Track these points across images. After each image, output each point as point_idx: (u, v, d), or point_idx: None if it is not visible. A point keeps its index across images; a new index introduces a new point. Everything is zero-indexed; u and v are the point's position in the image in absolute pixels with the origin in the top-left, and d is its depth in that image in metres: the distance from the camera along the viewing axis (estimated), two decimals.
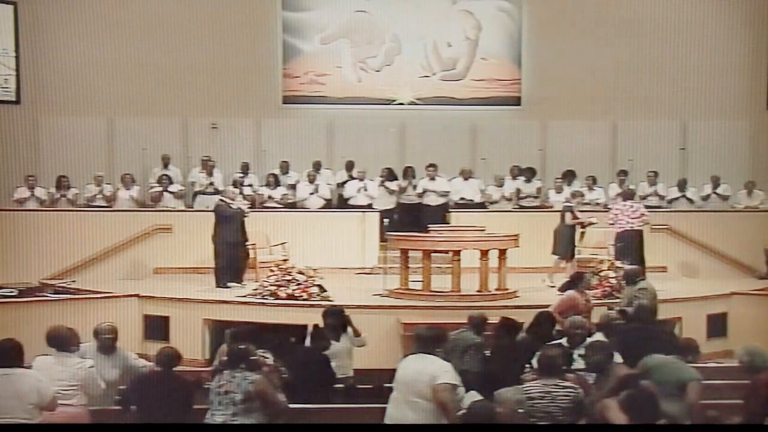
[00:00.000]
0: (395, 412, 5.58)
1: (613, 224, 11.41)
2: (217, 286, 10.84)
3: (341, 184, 13.79)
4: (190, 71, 14.08)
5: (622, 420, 5.19)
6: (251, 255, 11.32)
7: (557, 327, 7.54)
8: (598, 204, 13.46)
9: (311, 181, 13.43)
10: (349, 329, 7.53)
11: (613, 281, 10.18)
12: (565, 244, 11.49)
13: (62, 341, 6.22)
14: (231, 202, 11.20)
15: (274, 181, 13.41)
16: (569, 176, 13.88)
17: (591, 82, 14.43)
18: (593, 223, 11.75)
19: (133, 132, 14.13)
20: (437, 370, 5.48)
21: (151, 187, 13.39)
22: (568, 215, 11.58)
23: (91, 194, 13.04)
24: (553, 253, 11.54)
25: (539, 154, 14.70)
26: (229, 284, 10.83)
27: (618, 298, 9.45)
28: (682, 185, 13.76)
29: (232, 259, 10.99)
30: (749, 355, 5.88)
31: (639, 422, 5.06)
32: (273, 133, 14.71)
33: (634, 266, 9.51)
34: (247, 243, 11.18)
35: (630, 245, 11.18)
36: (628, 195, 11.90)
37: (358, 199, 13.40)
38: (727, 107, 14.23)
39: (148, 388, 6.12)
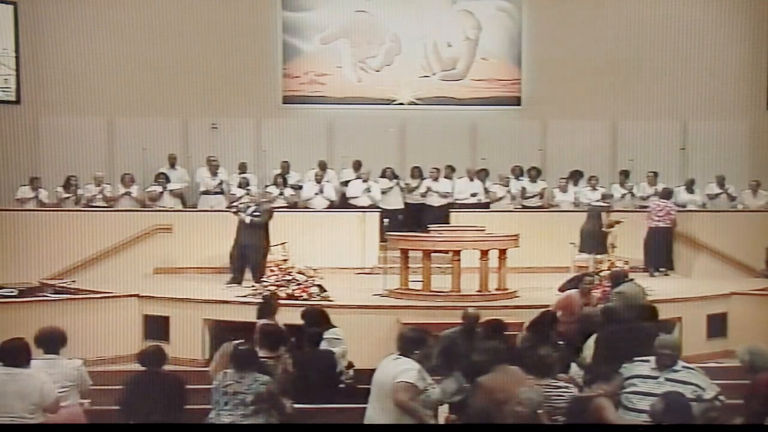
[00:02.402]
0: (369, 411, 5.62)
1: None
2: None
3: (345, 183, 13.77)
4: (190, 71, 14.09)
5: (616, 418, 5.19)
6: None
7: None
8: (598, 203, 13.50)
9: (318, 181, 13.41)
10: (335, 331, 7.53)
11: None
12: (597, 242, 11.68)
13: (53, 343, 6.21)
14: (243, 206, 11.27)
15: (282, 182, 13.38)
16: (576, 176, 13.88)
17: (591, 82, 14.43)
18: (619, 222, 11.89)
19: (133, 132, 14.13)
20: (400, 370, 5.46)
21: (149, 186, 13.39)
22: (604, 216, 11.81)
23: (90, 194, 13.04)
24: (581, 250, 11.70)
25: (539, 154, 14.69)
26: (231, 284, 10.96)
27: None
28: (689, 186, 13.73)
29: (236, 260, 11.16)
30: (750, 354, 5.86)
31: None
32: (273, 133, 14.70)
33: (618, 269, 9.54)
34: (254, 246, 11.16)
35: (655, 242, 11.92)
36: (663, 194, 12.44)
37: (360, 200, 13.37)
38: (727, 107, 14.22)
39: (134, 389, 6.09)
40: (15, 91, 14.16)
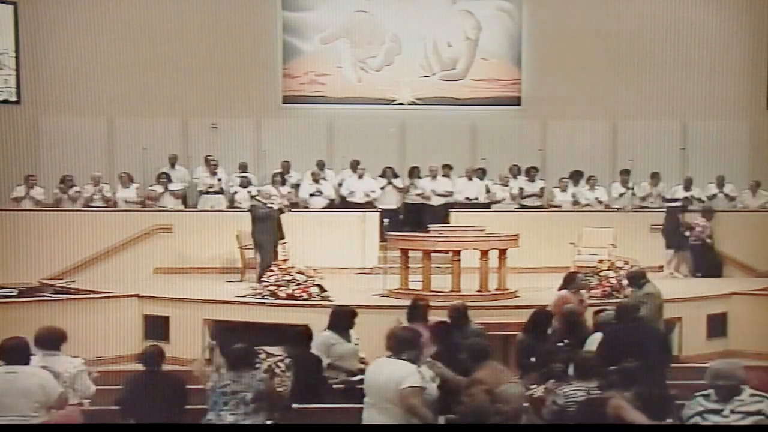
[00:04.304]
0: (369, 416, 5.61)
1: None
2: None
3: (341, 184, 13.76)
4: (190, 71, 14.09)
5: (636, 417, 5.11)
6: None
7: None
8: (601, 203, 13.50)
9: (316, 181, 13.40)
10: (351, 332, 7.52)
11: (613, 281, 10.17)
12: (678, 240, 12.52)
13: (52, 341, 6.22)
14: (266, 201, 11.26)
15: (280, 180, 13.37)
16: (576, 176, 13.88)
17: (591, 82, 14.44)
18: None
19: (133, 132, 14.13)
20: (402, 375, 5.48)
21: (150, 186, 13.39)
22: (681, 216, 12.57)
23: (88, 194, 13.04)
24: (668, 247, 12.45)
25: (539, 154, 14.70)
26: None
27: (618, 298, 9.44)
28: (687, 185, 13.73)
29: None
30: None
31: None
32: (273, 133, 14.70)
33: (637, 268, 9.48)
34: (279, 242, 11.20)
35: (694, 255, 12.56)
36: (704, 213, 12.81)
37: (359, 195, 13.36)
38: (727, 107, 14.23)
39: (135, 389, 6.10)
40: (15, 91, 14.16)
